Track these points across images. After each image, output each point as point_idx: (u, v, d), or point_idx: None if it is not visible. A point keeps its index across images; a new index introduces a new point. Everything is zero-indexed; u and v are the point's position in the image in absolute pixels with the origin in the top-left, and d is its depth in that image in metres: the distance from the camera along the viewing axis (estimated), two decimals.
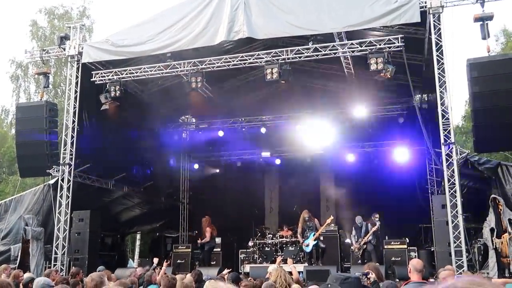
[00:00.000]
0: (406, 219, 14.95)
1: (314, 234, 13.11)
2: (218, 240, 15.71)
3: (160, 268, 8.75)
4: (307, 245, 13.19)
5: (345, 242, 15.29)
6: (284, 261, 10.01)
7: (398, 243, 13.68)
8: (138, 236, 23.89)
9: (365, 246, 12.90)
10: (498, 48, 25.29)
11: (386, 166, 17.04)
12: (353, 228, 13.45)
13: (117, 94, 13.00)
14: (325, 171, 18.76)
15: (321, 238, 13.56)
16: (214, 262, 15.29)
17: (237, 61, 12.46)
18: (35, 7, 43.80)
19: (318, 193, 18.69)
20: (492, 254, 11.12)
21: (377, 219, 12.98)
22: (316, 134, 17.78)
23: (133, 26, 13.33)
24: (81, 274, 8.73)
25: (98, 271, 8.37)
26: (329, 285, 3.16)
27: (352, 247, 13.45)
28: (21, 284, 6.77)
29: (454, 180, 10.72)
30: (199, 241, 14.98)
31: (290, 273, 7.83)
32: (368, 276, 4.57)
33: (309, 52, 11.95)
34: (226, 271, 8.22)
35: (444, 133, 10.92)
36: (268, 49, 12.61)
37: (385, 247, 13.68)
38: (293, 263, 9.94)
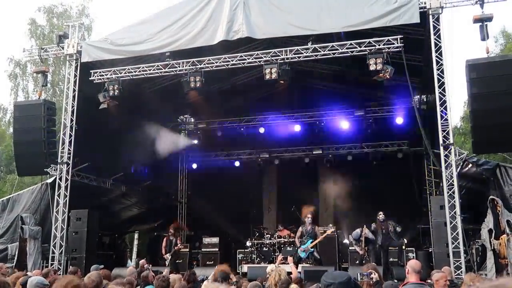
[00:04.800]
0: (404, 220, 14.93)
1: (311, 241, 13.01)
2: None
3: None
4: (303, 251, 13.12)
5: (343, 243, 15.27)
6: (285, 259, 9.97)
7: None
8: (136, 236, 23.84)
9: (367, 248, 12.91)
10: (497, 49, 25.27)
11: (385, 166, 17.03)
12: (353, 239, 13.44)
13: (116, 93, 12.98)
14: (324, 171, 18.74)
15: (317, 249, 13.39)
16: (212, 262, 15.27)
17: (236, 60, 12.44)
18: (34, 6, 43.82)
19: (316, 193, 18.66)
20: (490, 256, 11.10)
21: (382, 216, 12.85)
22: (315, 134, 17.79)
23: (132, 25, 13.31)
24: (79, 273, 8.68)
25: (95, 269, 8.30)
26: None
27: (360, 252, 13.31)
28: (18, 283, 6.72)
29: (453, 181, 10.72)
30: (177, 247, 13.87)
31: (290, 272, 7.80)
32: (371, 276, 4.53)
33: (308, 52, 11.94)
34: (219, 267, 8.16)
35: (443, 134, 10.92)
36: (267, 48, 12.59)
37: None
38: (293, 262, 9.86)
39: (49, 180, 13.81)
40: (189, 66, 12.65)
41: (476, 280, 6.09)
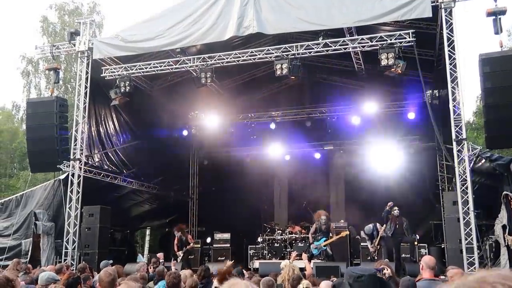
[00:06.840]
0: (417, 215, 14.84)
1: (325, 240, 12.94)
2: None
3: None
4: (315, 248, 13.08)
5: (355, 239, 15.22)
6: (299, 256, 9.94)
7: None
8: (147, 232, 23.98)
9: (378, 247, 12.86)
10: (510, 43, 24.97)
11: (397, 162, 16.92)
12: (365, 234, 13.38)
13: (127, 90, 13.04)
14: (335, 167, 18.68)
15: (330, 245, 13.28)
16: (224, 258, 15.30)
17: (246, 56, 12.41)
18: (46, 3, 44.07)
19: (327, 189, 18.61)
20: (504, 251, 10.99)
21: (397, 211, 12.73)
22: (326, 130, 17.72)
23: (143, 22, 13.33)
24: (88, 269, 8.71)
25: (105, 265, 8.34)
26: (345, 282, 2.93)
27: (371, 250, 13.26)
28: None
29: (466, 176, 10.61)
30: (190, 246, 13.86)
31: (303, 269, 7.80)
32: (383, 272, 4.51)
33: (319, 48, 11.86)
34: (229, 263, 8.16)
35: (455, 129, 10.80)
36: (277, 44, 12.54)
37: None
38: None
39: (62, 177, 13.91)
40: (199, 62, 12.65)
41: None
